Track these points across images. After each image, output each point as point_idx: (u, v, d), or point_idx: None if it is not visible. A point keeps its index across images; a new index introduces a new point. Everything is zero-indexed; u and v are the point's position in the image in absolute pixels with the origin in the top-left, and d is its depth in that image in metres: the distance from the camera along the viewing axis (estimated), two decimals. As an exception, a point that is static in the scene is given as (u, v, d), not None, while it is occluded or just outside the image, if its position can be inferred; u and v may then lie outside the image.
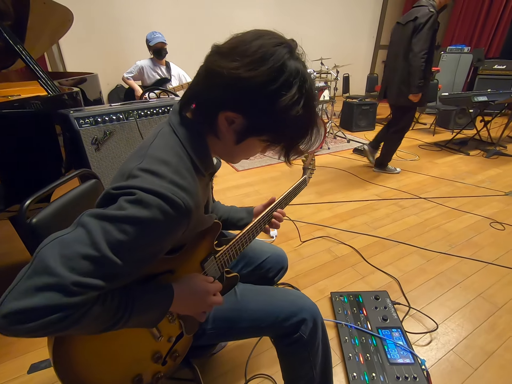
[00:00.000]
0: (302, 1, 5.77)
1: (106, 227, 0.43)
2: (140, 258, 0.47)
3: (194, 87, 0.57)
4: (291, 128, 0.54)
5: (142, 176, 0.48)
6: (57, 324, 0.40)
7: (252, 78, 0.48)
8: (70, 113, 1.20)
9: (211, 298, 0.65)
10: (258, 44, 0.49)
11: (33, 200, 0.69)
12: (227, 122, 0.54)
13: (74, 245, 0.42)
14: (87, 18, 4.11)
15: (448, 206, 2.34)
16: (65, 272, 0.39)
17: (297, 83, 0.50)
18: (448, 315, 1.38)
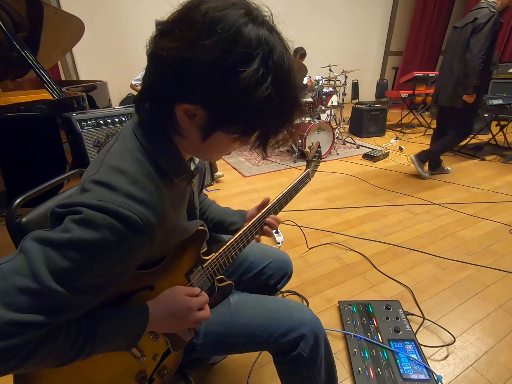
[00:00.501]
0: (311, 10, 5.82)
1: (48, 253, 0.38)
2: (92, 286, 0.41)
3: (145, 76, 0.47)
4: (261, 113, 0.43)
5: (93, 190, 0.42)
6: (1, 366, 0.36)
7: (197, 57, 0.39)
8: (72, 115, 1.21)
9: (194, 314, 0.57)
10: (203, 10, 0.39)
11: (22, 200, 0.66)
12: (187, 116, 0.45)
13: (12, 276, 0.37)
14: (100, 30, 4.25)
15: (463, 212, 2.23)
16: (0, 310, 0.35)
17: (259, 54, 0.39)
18: (466, 327, 1.29)
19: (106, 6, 4.35)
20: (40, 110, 1.24)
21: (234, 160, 3.49)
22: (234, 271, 0.92)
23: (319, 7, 5.89)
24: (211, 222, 0.89)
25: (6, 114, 1.16)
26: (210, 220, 0.89)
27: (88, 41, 2.66)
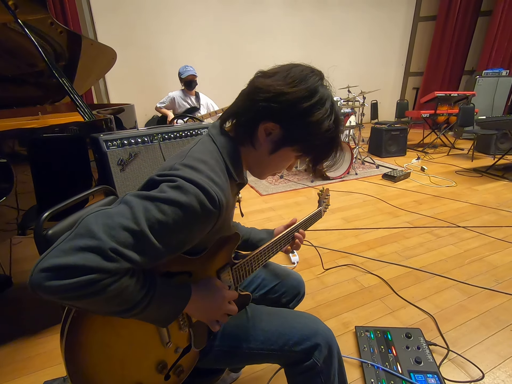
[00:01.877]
0: (329, 32, 6.00)
1: (147, 205, 0.46)
2: (171, 242, 0.49)
3: (236, 103, 0.64)
4: (322, 140, 0.61)
5: (183, 169, 0.53)
6: (88, 287, 0.41)
7: (293, 93, 0.57)
8: (100, 136, 1.30)
9: (226, 305, 0.65)
10: (297, 70, 0.60)
11: (50, 214, 0.72)
12: (265, 132, 0.61)
13: (117, 217, 0.45)
14: (131, 58, 4.59)
15: (491, 236, 2.10)
16: (106, 238, 0.42)
17: (328, 102, 0.60)
18: (496, 362, 1.18)
19: (137, 37, 4.72)
20: (72, 131, 1.35)
21: (251, 178, 3.53)
22: (246, 287, 0.93)
23: (338, 29, 6.06)
24: (240, 240, 0.93)
25: (42, 135, 1.27)
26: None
27: (119, 67, 2.88)
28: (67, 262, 0.40)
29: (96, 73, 2.90)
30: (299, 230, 0.92)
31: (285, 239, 0.88)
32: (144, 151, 1.40)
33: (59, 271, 0.40)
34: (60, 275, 0.40)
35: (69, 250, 0.41)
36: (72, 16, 4.13)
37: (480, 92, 4.86)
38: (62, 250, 0.41)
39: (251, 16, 5.34)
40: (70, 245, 0.41)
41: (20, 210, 1.21)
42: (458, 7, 5.66)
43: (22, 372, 1.20)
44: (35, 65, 2.20)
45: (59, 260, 0.40)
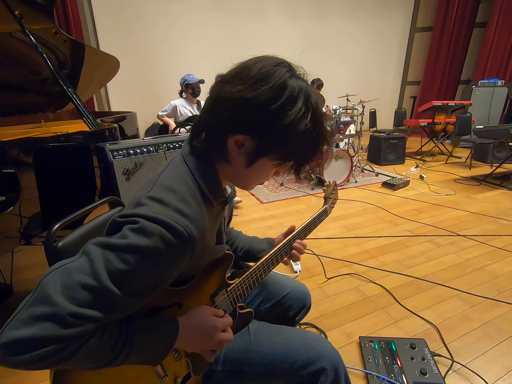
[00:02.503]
0: (328, 41, 6.10)
1: (108, 256, 0.43)
2: (141, 289, 0.46)
3: (202, 116, 0.58)
4: (300, 144, 0.53)
5: (148, 204, 0.49)
6: (51, 357, 0.39)
7: (255, 97, 0.49)
8: (106, 145, 1.31)
9: (219, 334, 0.60)
10: (259, 66, 0.51)
11: (60, 225, 0.72)
12: (237, 145, 0.54)
13: (76, 274, 0.42)
14: (132, 66, 4.64)
15: (492, 245, 2.12)
16: (63, 302, 0.39)
17: (301, 97, 0.51)
18: (501, 373, 1.18)
19: (138, 45, 4.77)
20: (77, 140, 1.36)
21: (252, 186, 3.54)
22: (252, 300, 0.92)
23: (336, 38, 6.17)
24: (241, 251, 0.91)
25: (48, 144, 1.28)
26: (240, 249, 0.91)
27: (120, 76, 2.90)
28: (24, 335, 0.38)
29: (99, 81, 2.92)
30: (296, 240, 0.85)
31: (284, 251, 0.81)
32: (149, 161, 1.42)
33: (18, 345, 0.38)
34: (20, 350, 0.38)
35: (27, 319, 0.39)
36: (75, 25, 4.17)
37: (476, 102, 4.94)
38: (20, 320, 0.39)
39: (251, 25, 5.43)
40: (28, 314, 0.39)
41: (23, 217, 1.21)
42: (453, 19, 5.80)
43: (25, 383, 1.19)
44: (38, 73, 2.22)
45: (18, 333, 0.38)
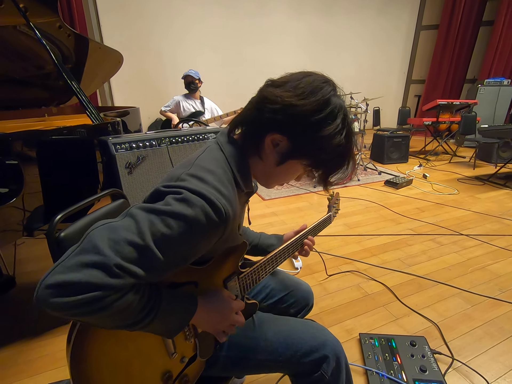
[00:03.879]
0: (332, 39, 6.05)
1: (152, 219, 0.46)
2: (176, 255, 0.49)
3: (245, 112, 0.63)
4: (332, 156, 0.58)
5: (189, 180, 0.52)
6: (93, 304, 0.41)
7: (303, 106, 0.54)
8: (109, 139, 1.31)
9: (233, 316, 0.64)
10: (309, 80, 0.57)
11: (62, 216, 0.72)
12: (273, 144, 0.59)
13: (122, 231, 0.44)
14: (135, 61, 4.63)
15: (495, 245, 2.11)
16: (110, 253, 0.41)
17: (341, 115, 0.56)
18: (501, 372, 1.18)
19: (142, 41, 4.76)
20: (80, 134, 1.36)
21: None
22: (255, 296, 0.93)
23: (341, 35, 6.12)
24: (249, 246, 0.93)
25: (50, 137, 1.28)
26: (249, 244, 0.93)
27: (123, 71, 2.90)
28: (72, 279, 0.39)
29: (102, 76, 2.92)
30: (308, 236, 0.91)
31: (293, 247, 0.87)
32: (152, 155, 1.41)
33: (64, 288, 0.39)
34: (65, 292, 0.39)
35: (74, 266, 0.40)
36: (79, 19, 4.17)
37: (482, 101, 4.89)
38: (67, 266, 0.41)
39: (255, 21, 5.39)
40: (75, 261, 0.41)
41: (26, 211, 1.22)
42: (460, 17, 5.73)
43: (25, 375, 1.20)
44: (42, 67, 2.22)
45: (64, 277, 0.40)
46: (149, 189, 1.43)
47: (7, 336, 1.37)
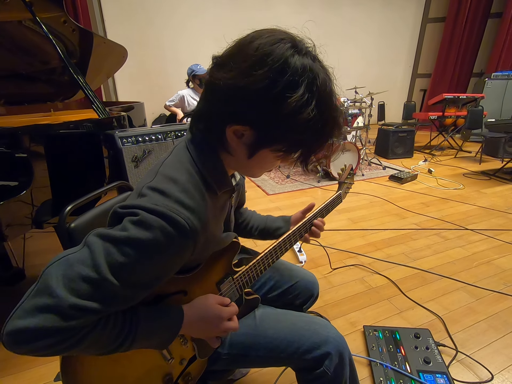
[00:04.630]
0: (337, 32, 5.99)
1: (108, 248, 0.43)
2: (142, 281, 0.46)
3: (199, 104, 0.55)
4: (305, 134, 0.48)
5: (149, 195, 0.48)
6: (56, 346, 0.41)
7: (250, 85, 0.45)
8: (115, 133, 1.32)
9: (224, 323, 0.60)
10: (255, 45, 0.46)
11: (73, 207, 0.74)
12: (236, 136, 0.51)
13: (77, 266, 0.42)
14: (139, 56, 4.63)
15: (500, 239, 2.10)
16: (64, 294, 0.40)
17: (304, 81, 0.45)
18: (505, 364, 1.18)
19: (146, 36, 4.75)
20: (87, 128, 1.37)
21: (258, 178, 3.55)
22: (259, 287, 0.93)
23: (346, 30, 6.05)
24: (256, 230, 0.92)
25: (58, 131, 1.29)
26: (255, 229, 0.92)
27: (128, 66, 2.90)
28: (27, 325, 0.38)
29: (107, 71, 2.93)
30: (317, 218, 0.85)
31: (298, 234, 0.81)
32: (158, 148, 1.43)
33: (22, 335, 0.39)
34: (24, 339, 0.39)
35: (30, 310, 0.39)
36: (83, 13, 4.17)
37: (489, 95, 4.82)
38: (24, 310, 0.40)
39: (256, 13, 5.34)
40: (31, 305, 0.40)
41: (34, 205, 1.24)
42: (467, 9, 5.62)
43: (35, 363, 1.22)
44: (48, 62, 2.23)
45: (22, 323, 0.39)
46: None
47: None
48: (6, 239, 1.08)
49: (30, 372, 1.19)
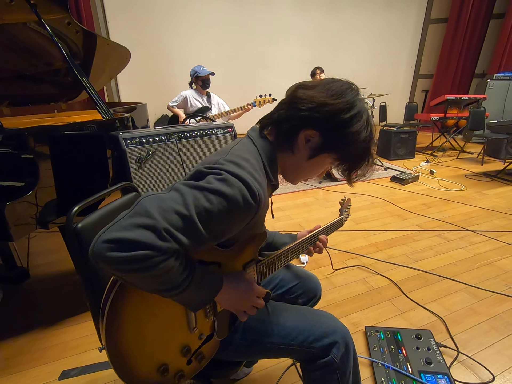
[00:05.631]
0: (338, 34, 5.99)
1: (196, 194, 0.50)
2: (213, 230, 0.53)
3: (277, 112, 0.68)
4: (358, 149, 0.65)
5: (227, 164, 0.56)
6: (141, 262, 0.45)
7: (335, 105, 0.61)
8: (119, 134, 1.33)
9: (254, 297, 0.68)
10: (338, 84, 0.65)
11: (79, 208, 0.75)
12: (305, 139, 0.65)
13: (170, 201, 0.49)
14: (142, 57, 4.64)
15: (502, 241, 2.10)
16: (160, 218, 0.46)
17: (365, 115, 0.64)
18: (507, 366, 1.19)
19: (148, 37, 4.78)
20: (91, 129, 1.39)
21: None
22: (265, 285, 0.95)
23: (347, 30, 6.05)
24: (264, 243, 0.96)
25: (63, 132, 1.31)
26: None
27: (130, 67, 2.92)
28: (127, 236, 0.44)
29: (109, 72, 2.94)
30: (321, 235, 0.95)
31: (308, 242, 0.92)
32: (161, 149, 1.44)
33: (119, 244, 0.44)
34: (119, 248, 0.44)
35: (128, 226, 0.45)
36: (87, 15, 4.19)
37: (491, 96, 4.81)
38: (122, 225, 0.45)
39: (260, 16, 5.36)
40: (129, 222, 0.46)
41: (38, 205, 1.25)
42: (470, 10, 5.61)
43: (40, 362, 1.24)
44: (52, 63, 2.25)
45: (120, 234, 0.44)
46: (158, 183, 1.46)
47: (22, 325, 1.42)
48: (13, 239, 1.09)
49: (35, 371, 1.21)
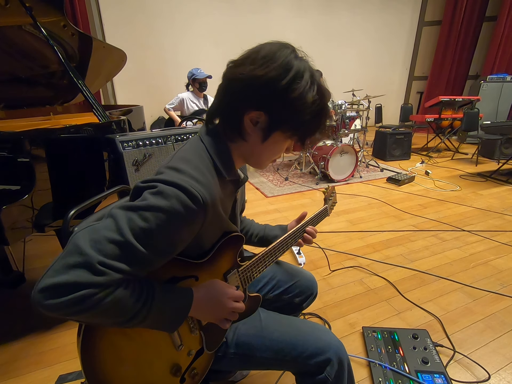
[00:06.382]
0: (334, 35, 6.04)
1: (130, 216, 0.48)
2: (160, 247, 0.51)
3: (216, 102, 0.64)
4: (309, 114, 0.58)
5: (166, 172, 0.54)
6: (82, 302, 0.43)
7: (267, 74, 0.55)
8: (116, 137, 1.33)
9: (231, 302, 0.64)
10: (266, 49, 0.57)
11: (76, 211, 0.75)
12: (252, 123, 0.59)
13: (103, 231, 0.47)
14: (138, 60, 4.64)
15: (497, 240, 2.12)
16: (92, 253, 0.44)
17: (307, 73, 0.57)
18: (502, 364, 1.20)
19: (144, 39, 4.77)
20: (87, 132, 1.38)
21: (256, 180, 3.57)
22: (262, 287, 0.95)
23: (343, 33, 6.10)
24: (256, 238, 0.96)
25: (59, 135, 1.31)
26: (255, 236, 0.96)
27: (126, 69, 2.92)
28: (60, 280, 0.42)
29: (105, 75, 2.94)
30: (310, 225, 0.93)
31: (292, 238, 0.88)
32: (158, 152, 1.44)
33: (54, 290, 0.42)
34: (55, 294, 0.42)
35: (61, 268, 0.43)
36: (82, 17, 4.19)
37: (484, 97, 4.88)
38: (55, 270, 0.44)
39: (255, 17, 5.38)
40: (62, 264, 0.44)
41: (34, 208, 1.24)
42: (463, 12, 5.69)
43: (37, 366, 1.23)
44: (47, 66, 2.24)
45: (53, 280, 0.42)
46: (155, 186, 1.45)
47: (18, 329, 1.41)
48: (8, 243, 1.09)
49: (32, 375, 1.20)
